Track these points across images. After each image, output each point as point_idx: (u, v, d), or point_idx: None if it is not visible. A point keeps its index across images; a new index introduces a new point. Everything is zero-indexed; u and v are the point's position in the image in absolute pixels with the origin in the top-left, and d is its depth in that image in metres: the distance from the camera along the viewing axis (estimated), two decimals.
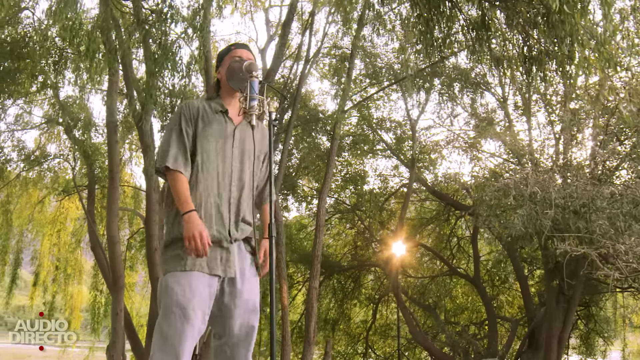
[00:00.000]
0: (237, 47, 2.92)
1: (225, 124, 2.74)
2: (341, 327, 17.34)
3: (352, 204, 16.59)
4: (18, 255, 15.94)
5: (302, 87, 14.42)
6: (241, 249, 2.67)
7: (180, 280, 2.50)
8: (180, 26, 9.68)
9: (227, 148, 2.69)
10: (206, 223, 2.58)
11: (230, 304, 2.57)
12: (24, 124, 14.26)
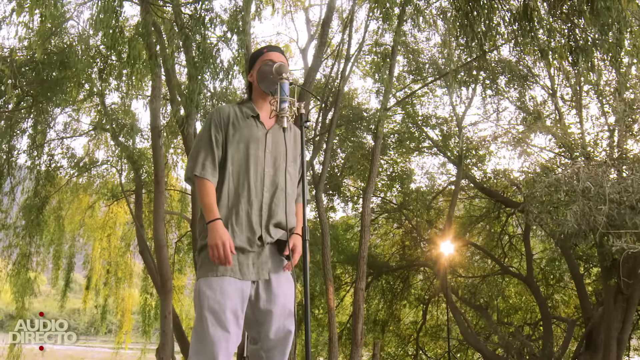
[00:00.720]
0: (269, 50, 2.93)
1: (257, 128, 2.75)
2: (391, 328, 17.24)
3: (399, 203, 16.45)
4: (71, 260, 16.44)
5: (345, 86, 14.45)
6: (275, 253, 2.67)
7: (212, 285, 2.53)
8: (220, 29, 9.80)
9: (259, 152, 2.70)
10: (237, 228, 2.60)
11: (266, 309, 2.58)
12: (72, 131, 14.69)
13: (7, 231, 13.62)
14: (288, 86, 2.64)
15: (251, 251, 2.59)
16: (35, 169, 13.68)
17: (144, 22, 9.93)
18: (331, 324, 10.54)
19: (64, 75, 11.42)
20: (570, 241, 9.71)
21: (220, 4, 24.43)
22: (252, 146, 2.70)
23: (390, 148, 15.66)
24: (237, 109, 2.83)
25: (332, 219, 17.09)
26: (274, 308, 2.58)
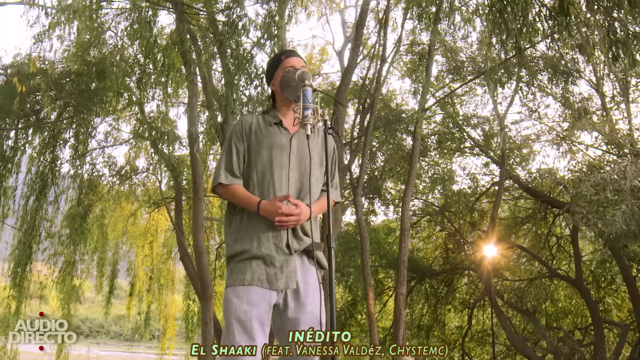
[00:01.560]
0: (287, 56, 2.95)
1: (281, 135, 2.77)
2: (435, 333, 17.03)
3: (441, 206, 16.27)
4: (114, 267, 16.82)
5: (383, 87, 14.39)
6: (303, 262, 2.68)
7: (239, 293, 2.57)
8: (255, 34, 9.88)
9: (283, 159, 2.72)
10: (264, 236, 2.62)
11: (294, 318, 2.60)
12: (113, 140, 15.05)
13: (52, 239, 14.01)
14: (311, 93, 2.65)
15: (279, 259, 2.60)
16: (78, 178, 14.07)
17: (178, 30, 10.14)
18: (372, 330, 10.49)
19: (103, 85, 11.70)
20: (620, 242, 9.45)
21: (255, 9, 24.40)
22: (276, 152, 2.73)
23: (431, 149, 15.52)
24: (260, 117, 2.87)
25: (373, 222, 17.02)
26: (303, 317, 2.60)
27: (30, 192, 13.23)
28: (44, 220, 13.66)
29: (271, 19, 10.09)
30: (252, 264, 2.59)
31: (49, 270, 14.09)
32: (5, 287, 13.31)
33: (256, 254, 2.61)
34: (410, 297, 16.62)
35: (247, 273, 2.58)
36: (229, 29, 8.88)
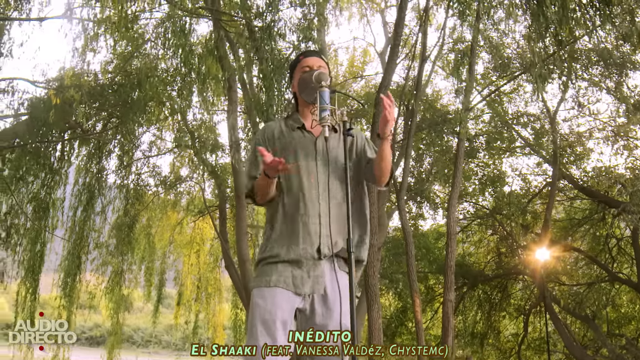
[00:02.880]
0: (306, 56, 2.94)
1: (304, 138, 2.77)
2: (490, 341, 16.70)
3: (491, 208, 15.95)
4: (162, 276, 17.16)
5: (427, 87, 14.25)
6: (333, 267, 2.65)
7: (264, 294, 2.58)
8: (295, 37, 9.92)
9: (309, 162, 2.72)
10: (294, 241, 2.62)
11: (322, 324, 2.58)
12: (157, 149, 15.37)
13: (101, 250, 14.37)
14: (328, 94, 2.63)
15: (307, 263, 2.60)
16: (124, 188, 14.41)
17: (215, 37, 10.29)
18: (419, 337, 10.35)
19: (144, 96, 11.96)
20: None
21: (291, 13, 24.45)
22: (301, 157, 2.72)
23: (480, 150, 15.25)
24: (283, 123, 2.89)
25: (422, 227, 16.84)
26: (331, 323, 2.57)
27: (78, 203, 13.57)
28: (92, 230, 14.00)
29: (309, 21, 10.14)
30: (278, 267, 2.60)
31: (98, 280, 14.46)
32: (56, 298, 13.71)
33: (284, 258, 2.61)
34: (462, 303, 16.36)
35: (272, 275, 2.58)
36: (265, 34, 8.94)
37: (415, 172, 15.98)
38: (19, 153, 11.92)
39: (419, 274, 15.80)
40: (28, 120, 10.64)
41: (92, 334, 35.26)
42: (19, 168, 12.07)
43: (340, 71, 17.20)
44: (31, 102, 11.04)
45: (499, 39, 12.96)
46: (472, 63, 10.39)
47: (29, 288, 12.41)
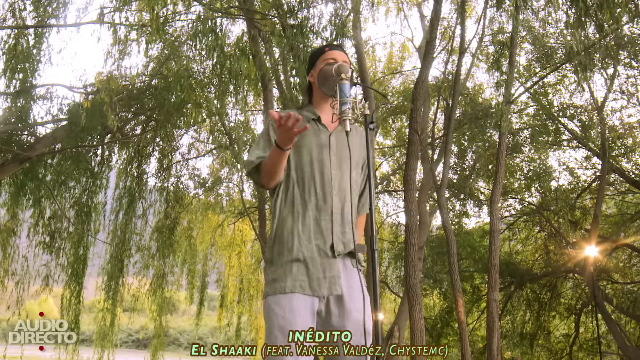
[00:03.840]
0: (331, 49, 2.88)
1: (319, 131, 2.71)
2: (540, 342, 16.32)
3: (538, 204, 15.58)
4: (204, 279, 17.36)
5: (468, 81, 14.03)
6: (346, 265, 2.60)
7: (280, 301, 2.50)
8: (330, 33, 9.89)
9: (323, 157, 2.65)
10: (305, 236, 2.56)
11: (339, 326, 2.51)
12: (196, 151, 15.55)
13: (142, 253, 14.62)
14: (349, 87, 2.57)
15: (321, 262, 2.55)
16: (164, 191, 14.63)
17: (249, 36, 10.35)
18: (462, 339, 10.18)
19: (182, 98, 12.10)
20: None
21: (325, 10, 24.29)
22: (315, 150, 2.65)
23: (525, 144, 14.93)
24: (297, 113, 2.81)
25: (467, 225, 16.58)
26: (348, 325, 2.51)
27: (119, 207, 13.83)
28: (134, 234, 14.27)
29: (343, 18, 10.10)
30: (292, 269, 2.52)
31: (140, 283, 14.71)
32: (99, 301, 14.01)
33: (297, 256, 2.53)
34: (510, 303, 16.05)
35: (287, 280, 2.50)
36: (298, 32, 8.93)
37: (457, 169, 15.77)
38: (60, 158, 12.23)
39: (464, 273, 15.58)
40: (66, 126, 10.89)
41: (139, 336, 36.01)
42: (60, 173, 12.39)
43: (379, 67, 17.11)
44: (69, 108, 11.31)
45: (542, 28, 12.66)
46: (512, 54, 10.16)
47: (73, 291, 12.69)
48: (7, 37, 10.80)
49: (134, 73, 12.44)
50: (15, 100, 10.90)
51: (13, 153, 10.26)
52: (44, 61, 11.10)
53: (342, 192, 2.62)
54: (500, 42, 10.84)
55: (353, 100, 2.53)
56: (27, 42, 11.06)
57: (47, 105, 11.34)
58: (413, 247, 9.96)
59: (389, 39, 25.85)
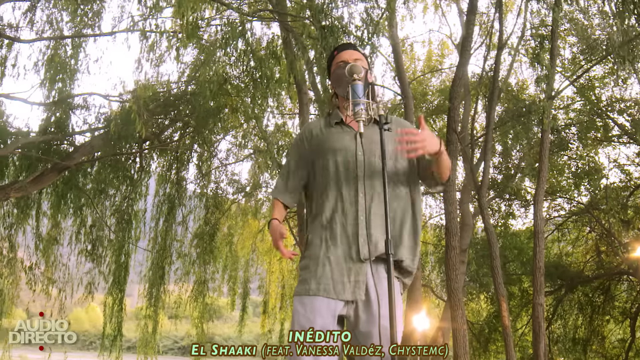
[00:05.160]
0: (340, 50, 2.91)
1: (344, 133, 2.73)
2: (593, 347, 15.85)
3: (588, 203, 15.16)
4: (246, 285, 17.47)
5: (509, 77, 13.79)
6: (379, 271, 2.58)
7: (304, 301, 2.56)
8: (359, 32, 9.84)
9: (348, 158, 2.68)
10: (332, 242, 2.60)
11: (366, 331, 2.52)
12: (235, 157, 15.68)
13: (183, 259, 14.81)
14: (362, 87, 2.56)
15: (347, 267, 2.55)
16: (203, 197, 14.79)
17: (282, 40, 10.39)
18: (507, 344, 9.97)
19: (219, 103, 12.22)
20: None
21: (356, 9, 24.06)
22: (340, 153, 2.69)
23: (573, 141, 14.57)
24: (323, 120, 2.87)
25: (513, 226, 16.26)
26: (375, 330, 2.50)
27: (159, 214, 14.03)
28: (174, 240, 14.46)
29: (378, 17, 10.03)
30: (317, 271, 2.56)
31: (182, 290, 14.89)
32: (142, 308, 14.24)
33: (323, 261, 2.57)
34: (560, 307, 15.66)
35: (312, 282, 2.56)
36: (329, 33, 8.91)
37: (502, 168, 15.49)
38: (99, 167, 12.50)
39: (511, 276, 15.28)
40: (104, 134, 11.13)
41: (183, 343, 36.52)
42: (100, 181, 12.65)
43: (418, 66, 16.97)
44: (106, 116, 11.56)
45: (586, 20, 12.33)
46: (553, 47, 9.91)
47: (116, 298, 12.93)
48: (45, 48, 11.18)
49: (170, 79, 12.68)
50: (53, 110, 11.20)
51: (52, 162, 10.53)
52: (82, 70, 11.41)
53: (372, 191, 2.60)
54: (541, 35, 10.58)
55: (366, 101, 2.52)
56: (65, 52, 11.38)
57: (85, 114, 11.62)
58: (454, 250, 9.82)
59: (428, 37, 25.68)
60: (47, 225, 12.62)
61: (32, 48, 11.59)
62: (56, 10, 11.12)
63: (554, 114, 13.96)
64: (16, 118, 14.62)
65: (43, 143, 10.84)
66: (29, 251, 12.20)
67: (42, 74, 10.94)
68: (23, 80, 25.64)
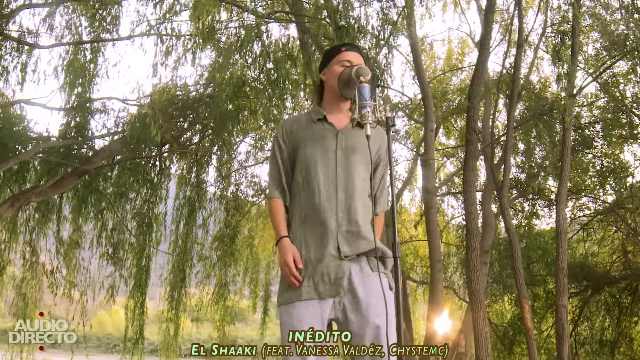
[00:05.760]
0: (347, 50, 2.91)
1: (325, 130, 2.74)
2: (622, 349, 15.60)
3: (613, 202, 14.92)
4: (267, 288, 17.45)
5: (530, 75, 13.66)
6: (363, 268, 2.58)
7: (290, 311, 2.54)
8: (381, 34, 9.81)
9: (329, 155, 2.70)
10: (311, 239, 2.60)
11: (359, 333, 2.50)
12: (255, 159, 15.70)
13: (204, 262, 14.88)
14: (368, 90, 2.57)
15: (327, 264, 2.54)
16: (223, 200, 14.85)
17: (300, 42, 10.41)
18: (530, 347, 9.86)
19: (237, 105, 12.26)
20: None
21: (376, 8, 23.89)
22: (320, 150, 2.70)
23: (598, 139, 14.36)
24: (304, 117, 2.87)
25: (537, 226, 16.07)
26: (367, 331, 2.49)
27: (179, 217, 14.12)
28: (195, 243, 14.53)
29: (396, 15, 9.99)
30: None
31: (203, 293, 14.96)
32: (163, 311, 14.34)
33: (304, 258, 2.57)
34: (586, 308, 15.45)
35: (293, 290, 2.55)
36: (344, 33, 8.90)
37: (525, 167, 15.33)
38: (119, 170, 12.62)
39: (536, 277, 15.11)
40: (122, 138, 11.23)
41: (207, 346, 36.73)
42: (120, 185, 12.78)
43: (438, 65, 16.87)
44: (124, 120, 11.67)
45: (609, 15, 12.15)
46: (574, 44, 9.79)
47: (137, 302, 13.03)
48: (64, 53, 11.32)
49: (189, 82, 12.76)
50: (73, 114, 11.34)
51: (72, 167, 10.67)
52: (101, 75, 11.55)
53: (350, 191, 2.62)
54: (562, 31, 10.46)
55: (372, 103, 2.52)
56: (84, 57, 11.52)
57: (104, 119, 11.75)
58: (475, 252, 9.75)
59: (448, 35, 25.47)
60: (68, 229, 12.78)
61: (51, 54, 11.72)
62: (75, 15, 11.27)
63: (577, 111, 13.80)
64: (37, 123, 14.84)
65: (63, 147, 10.99)
66: (50, 255, 12.34)
67: (61, 78, 11.10)
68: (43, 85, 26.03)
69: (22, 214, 12.02)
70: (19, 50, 10.77)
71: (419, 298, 18.39)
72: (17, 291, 12.50)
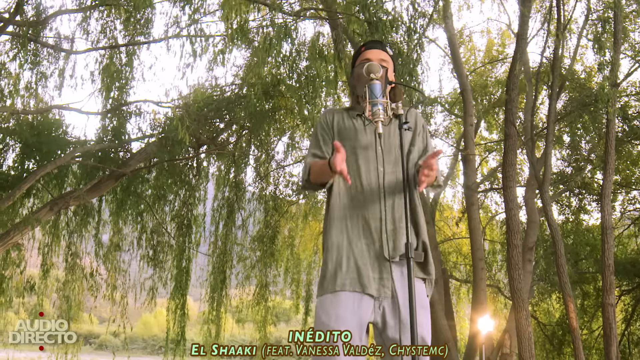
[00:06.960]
0: (367, 48, 2.88)
1: (365, 127, 2.68)
2: None
3: None
4: (309, 288, 17.44)
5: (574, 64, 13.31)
6: (403, 273, 2.52)
7: (325, 305, 2.49)
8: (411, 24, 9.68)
9: (369, 152, 2.64)
10: (354, 235, 2.55)
11: (394, 338, 2.45)
12: (293, 158, 15.72)
13: (244, 263, 14.98)
14: (379, 87, 2.51)
15: (371, 261, 2.50)
16: (262, 200, 14.91)
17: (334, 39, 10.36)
18: (576, 348, 9.59)
19: (274, 104, 12.28)
20: None
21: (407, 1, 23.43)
22: (360, 145, 2.65)
23: None
24: (344, 111, 2.84)
25: (585, 222, 15.66)
26: (404, 338, 2.43)
27: (218, 218, 14.23)
28: (235, 244, 14.63)
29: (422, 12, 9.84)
30: (342, 266, 2.50)
31: (243, 294, 15.06)
32: (204, 313, 14.48)
33: (347, 254, 2.52)
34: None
35: (337, 277, 2.49)
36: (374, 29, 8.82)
37: (571, 160, 14.95)
38: (157, 173, 12.78)
39: (585, 274, 14.74)
40: (158, 141, 11.36)
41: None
42: (158, 187, 12.95)
43: (478, 57, 16.59)
44: (159, 123, 11.81)
45: None
46: (617, 31, 9.49)
47: (178, 303, 13.18)
48: (100, 57, 11.53)
49: (223, 82, 12.84)
50: (110, 117, 11.54)
51: (109, 170, 10.85)
52: (137, 78, 11.72)
53: (395, 188, 2.56)
54: (603, 18, 10.14)
55: (384, 100, 2.47)
56: (119, 60, 11.70)
57: (139, 121, 11.91)
58: (516, 249, 9.57)
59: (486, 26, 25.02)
60: (108, 232, 13.01)
61: (87, 59, 11.95)
62: (110, 19, 11.46)
63: (625, 100, 13.39)
64: (74, 127, 15.18)
65: (99, 151, 11.18)
66: (90, 258, 12.59)
67: (97, 82, 11.30)
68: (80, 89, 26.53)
69: (64, 217, 12.29)
70: (56, 56, 11.02)
71: (463, 297, 18.11)
72: (61, 293, 12.78)
